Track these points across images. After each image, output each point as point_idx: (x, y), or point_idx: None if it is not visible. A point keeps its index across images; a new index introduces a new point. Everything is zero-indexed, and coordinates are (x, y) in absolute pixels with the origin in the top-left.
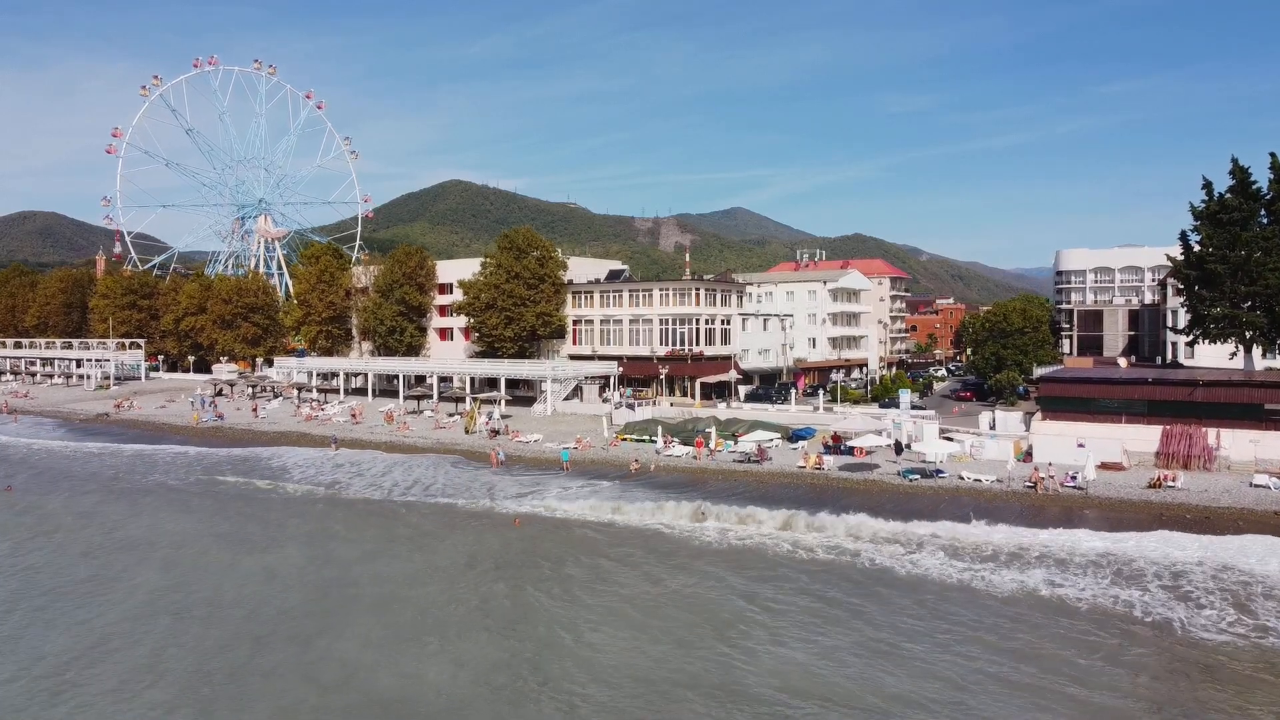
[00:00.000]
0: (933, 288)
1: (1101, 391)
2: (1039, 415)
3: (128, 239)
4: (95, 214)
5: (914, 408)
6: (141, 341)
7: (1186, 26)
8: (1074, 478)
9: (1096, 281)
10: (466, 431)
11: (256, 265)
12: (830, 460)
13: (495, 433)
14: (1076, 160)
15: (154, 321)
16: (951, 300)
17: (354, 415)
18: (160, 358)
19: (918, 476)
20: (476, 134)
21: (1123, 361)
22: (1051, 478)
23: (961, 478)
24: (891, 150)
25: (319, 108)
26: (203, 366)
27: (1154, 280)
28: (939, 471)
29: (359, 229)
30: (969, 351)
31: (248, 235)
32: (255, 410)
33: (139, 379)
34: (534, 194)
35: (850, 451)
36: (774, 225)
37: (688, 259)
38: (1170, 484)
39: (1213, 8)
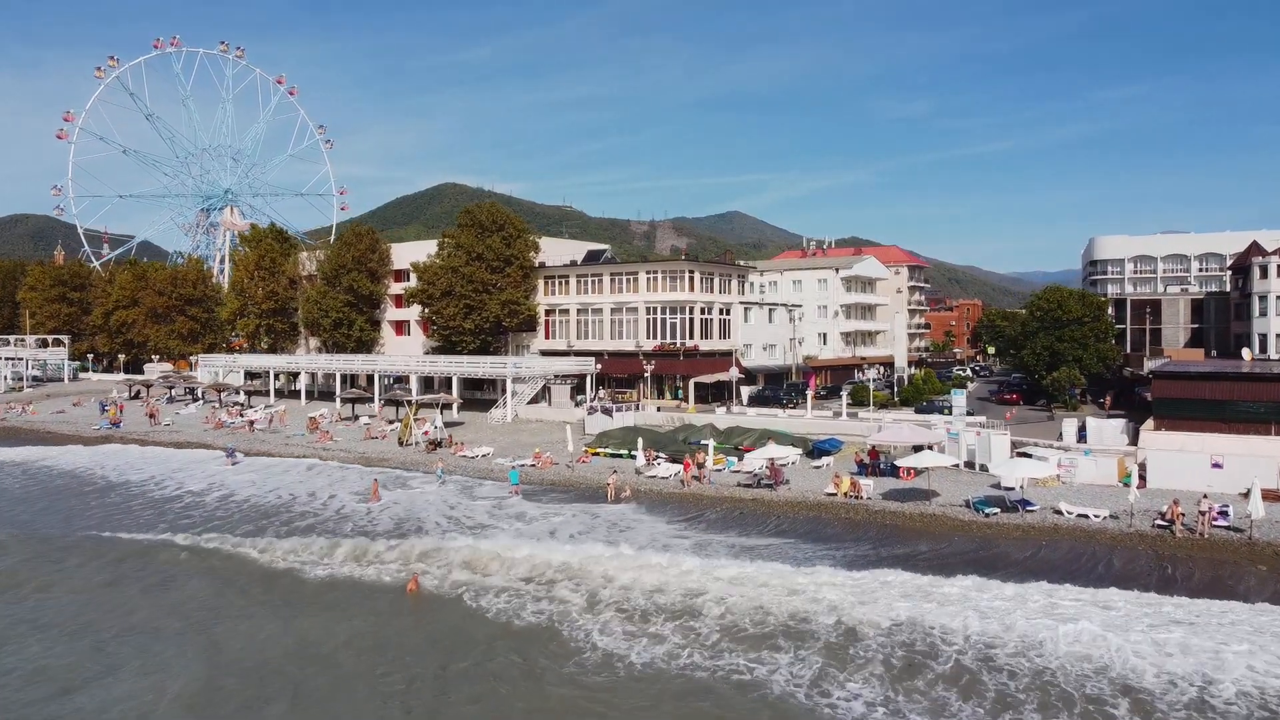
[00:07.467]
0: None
1: (1244, 391)
2: (1150, 424)
3: (81, 232)
4: (88, 216)
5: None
6: (65, 338)
7: (1185, 30)
8: (1223, 513)
9: (1136, 271)
10: (401, 443)
11: (221, 260)
12: (869, 484)
13: (435, 445)
14: (1072, 165)
15: (86, 316)
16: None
17: (251, 423)
18: (90, 355)
19: (997, 511)
20: (473, 138)
21: (1246, 354)
22: (1204, 514)
23: (1059, 512)
24: (888, 155)
25: (291, 94)
26: (139, 366)
27: (1201, 269)
28: (1025, 503)
29: (334, 222)
30: (990, 350)
31: (213, 228)
32: (152, 415)
33: (63, 380)
34: (530, 197)
35: (894, 472)
36: (771, 229)
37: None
38: None
39: (1211, 10)
